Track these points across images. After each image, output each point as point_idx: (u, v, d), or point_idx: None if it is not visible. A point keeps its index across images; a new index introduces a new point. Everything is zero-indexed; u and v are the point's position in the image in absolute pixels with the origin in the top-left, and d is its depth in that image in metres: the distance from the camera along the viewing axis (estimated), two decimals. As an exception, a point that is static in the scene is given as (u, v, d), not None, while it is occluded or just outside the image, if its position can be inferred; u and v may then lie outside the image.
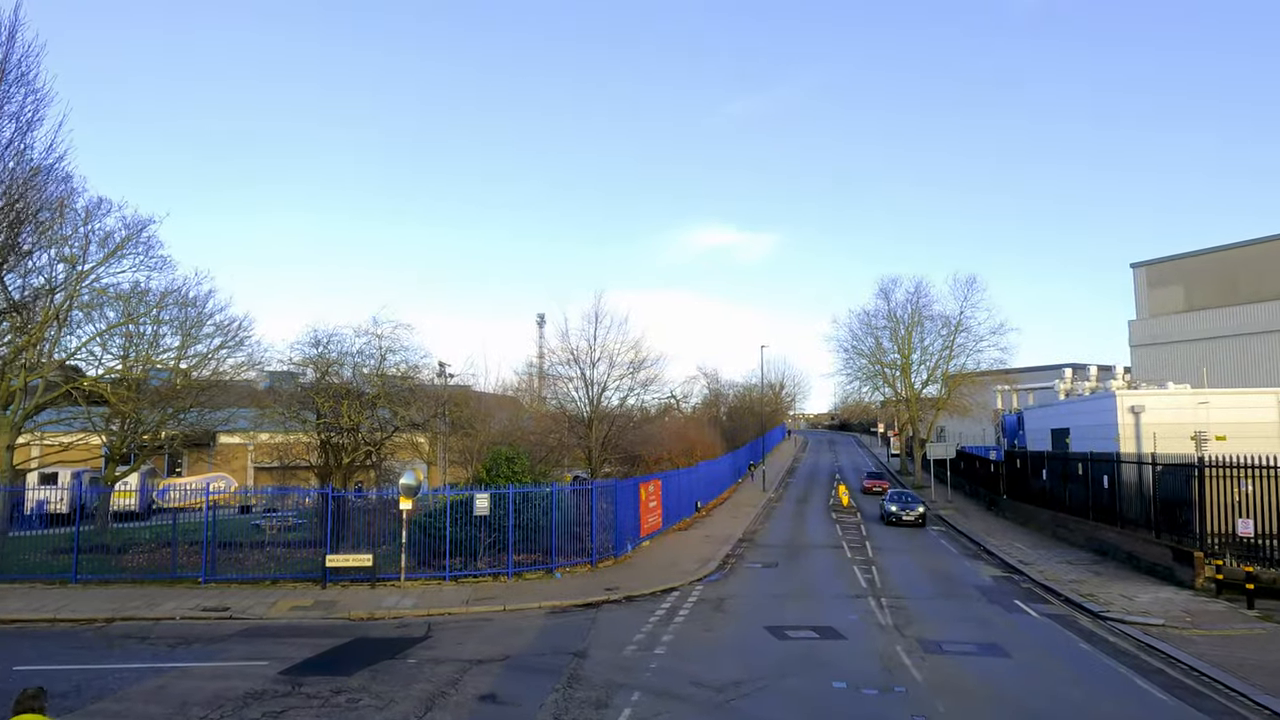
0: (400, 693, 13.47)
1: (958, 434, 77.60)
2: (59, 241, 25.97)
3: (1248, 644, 16.63)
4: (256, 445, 50.77)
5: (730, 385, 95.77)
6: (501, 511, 24.45)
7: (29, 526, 27.83)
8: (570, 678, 14.36)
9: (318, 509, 25.37)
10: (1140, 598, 21.18)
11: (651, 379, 43.20)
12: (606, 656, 15.84)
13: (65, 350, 28.53)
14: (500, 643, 17.04)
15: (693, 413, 73.75)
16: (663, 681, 14.12)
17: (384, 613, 19.96)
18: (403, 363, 32.59)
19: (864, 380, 65.62)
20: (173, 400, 29.77)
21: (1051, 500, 35.24)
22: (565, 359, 41.25)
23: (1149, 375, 53.19)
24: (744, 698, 13.27)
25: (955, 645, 16.80)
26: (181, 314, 29.72)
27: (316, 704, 12.89)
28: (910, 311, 61.00)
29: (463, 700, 13.11)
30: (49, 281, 26.09)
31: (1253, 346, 50.95)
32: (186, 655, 16.08)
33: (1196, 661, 15.35)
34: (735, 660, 15.56)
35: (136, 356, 29.33)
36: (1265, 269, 52.01)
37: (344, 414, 29.24)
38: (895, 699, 13.30)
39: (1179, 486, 23.77)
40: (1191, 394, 38.13)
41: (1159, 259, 58.66)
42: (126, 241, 26.92)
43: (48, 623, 19.12)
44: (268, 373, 35.85)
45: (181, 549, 24.53)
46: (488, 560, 24.44)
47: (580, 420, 40.82)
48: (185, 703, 12.92)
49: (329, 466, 30.03)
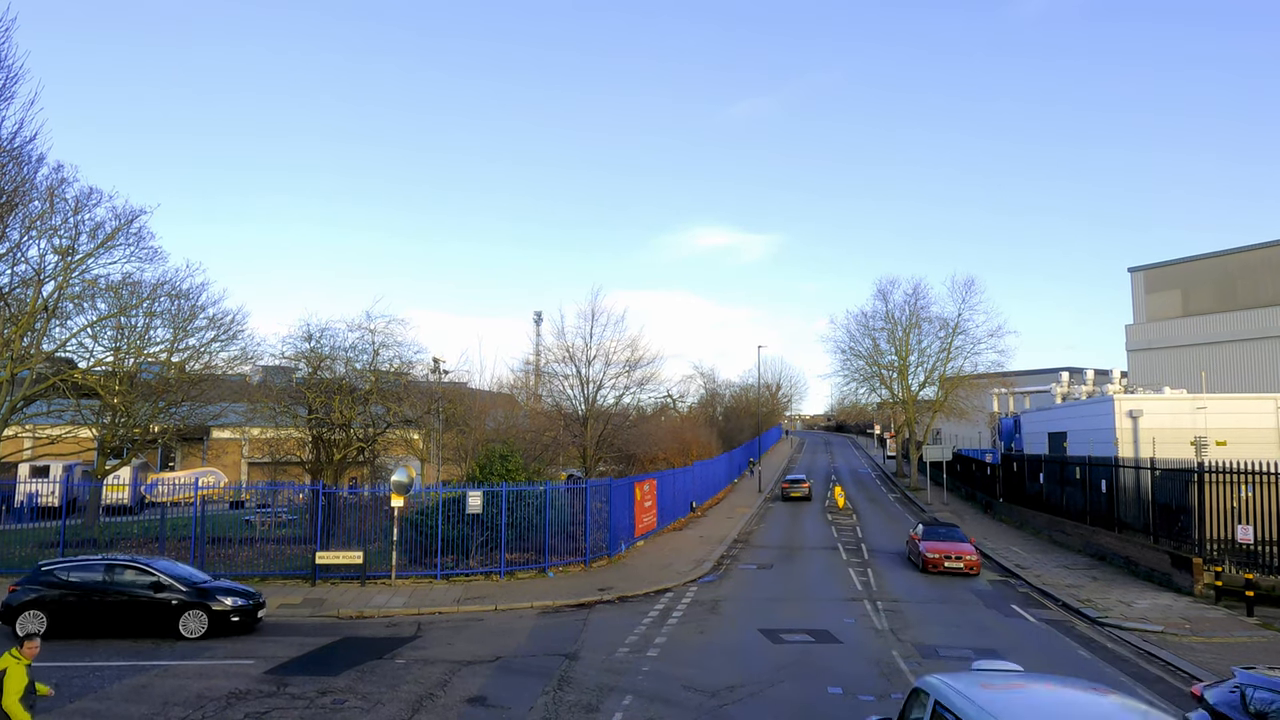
0: (387, 694, 13.22)
1: (954, 436, 77.43)
2: (49, 232, 25.69)
3: (1248, 652, 16.42)
4: (249, 440, 50.51)
5: (727, 385, 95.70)
6: (494, 510, 24.23)
7: (20, 519, 27.55)
8: (561, 680, 14.13)
9: (309, 505, 25.12)
10: (1138, 604, 20.99)
11: (648, 378, 43.09)
12: (598, 658, 15.62)
13: (55, 341, 28.22)
14: (491, 643, 16.81)
15: (689, 412, 73.54)
16: (655, 685, 13.89)
17: (373, 611, 19.71)
18: (396, 358, 32.33)
19: (861, 381, 65.31)
20: (164, 394, 29.45)
21: (1048, 504, 35.06)
22: (561, 357, 41.11)
23: (1146, 380, 53.04)
24: (737, 703, 13.05)
25: (952, 650, 16.58)
26: (173, 306, 29.38)
27: (301, 705, 12.64)
28: (908, 313, 60.73)
29: (450, 702, 12.87)
30: (38, 272, 25.78)
31: (1250, 352, 50.83)
32: (170, 653, 15.83)
33: (1196, 669, 15.14)
34: (729, 664, 15.33)
35: (128, 349, 29.00)
36: (1263, 275, 51.89)
37: (336, 410, 28.97)
38: (892, 706, 13.04)
39: (1177, 491, 23.58)
40: (1189, 399, 37.95)
41: (1157, 264, 58.51)
42: (117, 232, 26.63)
43: (31, 618, 18.80)
44: (260, 367, 35.52)
45: (170, 544, 24.30)
46: (480, 559, 24.21)
47: (575, 419, 40.60)
48: (167, 702, 12.68)
49: (321, 462, 29.76)
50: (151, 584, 17.08)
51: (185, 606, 16.97)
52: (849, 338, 63.44)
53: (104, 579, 17.07)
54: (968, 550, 26.38)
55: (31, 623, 16.51)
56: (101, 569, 17.23)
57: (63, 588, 16.94)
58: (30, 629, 16.21)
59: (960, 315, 59.18)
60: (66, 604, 16.83)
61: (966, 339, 59.23)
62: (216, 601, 17.14)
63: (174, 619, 16.90)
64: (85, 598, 16.91)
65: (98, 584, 17.02)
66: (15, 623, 16.61)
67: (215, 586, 17.74)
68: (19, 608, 16.71)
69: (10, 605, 16.81)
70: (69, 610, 16.82)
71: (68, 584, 16.99)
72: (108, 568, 17.26)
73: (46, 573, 17.24)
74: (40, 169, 24.53)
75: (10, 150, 22.64)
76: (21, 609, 16.67)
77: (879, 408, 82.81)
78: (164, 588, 17.07)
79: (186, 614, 16.92)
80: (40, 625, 16.44)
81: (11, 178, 23.09)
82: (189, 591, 17.17)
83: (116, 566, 17.32)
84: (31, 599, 16.76)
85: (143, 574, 17.23)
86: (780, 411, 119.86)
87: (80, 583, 17.01)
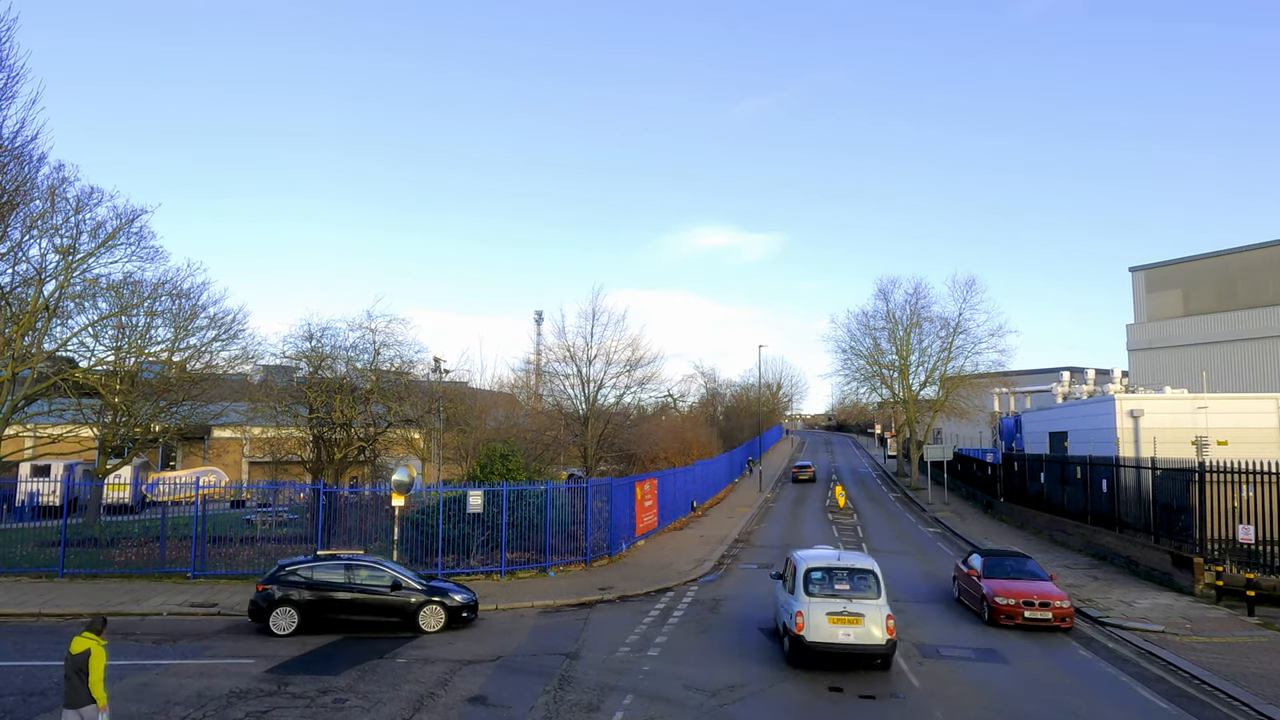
0: (388, 693, 13.22)
1: (955, 436, 77.41)
2: (50, 231, 25.71)
3: (1249, 652, 16.42)
4: (250, 440, 50.51)
5: (728, 385, 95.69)
6: (495, 509, 24.22)
7: (21, 518, 27.54)
8: (562, 679, 14.13)
9: (310, 504, 25.10)
10: (1139, 603, 20.97)
11: (648, 377, 43.00)
12: (599, 658, 15.61)
13: (56, 341, 28.23)
14: (491, 642, 16.81)
15: (689, 412, 73.57)
16: (655, 684, 13.89)
17: (374, 610, 19.66)
18: (397, 358, 32.35)
19: (862, 381, 65.25)
20: (165, 393, 29.46)
21: (1049, 504, 35.03)
22: (562, 356, 41.03)
23: (1147, 379, 53.03)
24: (738, 702, 13.04)
25: (953, 650, 16.58)
26: (174, 305, 29.41)
27: (302, 704, 12.64)
28: (909, 313, 60.64)
29: (451, 702, 12.87)
30: (39, 271, 25.79)
31: (1251, 352, 50.80)
32: (172, 652, 15.82)
33: (1198, 669, 15.14)
34: (730, 663, 15.32)
35: (129, 348, 29.02)
36: (1264, 274, 51.86)
37: (337, 409, 28.97)
38: (892, 705, 13.08)
39: (1178, 491, 23.55)
40: (1190, 398, 37.92)
41: (1158, 263, 58.47)
42: (118, 231, 26.68)
43: (32, 617, 18.85)
44: (261, 366, 35.53)
45: (171, 543, 24.25)
46: (481, 558, 24.21)
47: (576, 418, 40.57)
48: (169, 701, 12.67)
49: (321, 462, 29.76)
50: (390, 583, 17.79)
51: (424, 603, 17.70)
52: (850, 337, 63.43)
53: (345, 578, 17.72)
54: (1054, 594, 18.79)
55: (283, 619, 17.16)
56: (341, 568, 17.84)
57: (308, 587, 17.47)
58: (283, 626, 17.06)
59: (961, 315, 59.15)
60: (313, 602, 17.41)
61: (967, 338, 59.20)
62: (449, 598, 17.95)
63: (414, 615, 17.60)
64: (330, 596, 17.49)
65: (340, 583, 17.65)
66: (269, 619, 17.13)
67: (442, 585, 18.45)
68: (270, 606, 17.20)
69: (260, 604, 17.31)
70: (316, 607, 17.39)
71: (312, 583, 17.53)
72: (347, 567, 17.89)
73: (290, 572, 17.71)
74: (41, 168, 24.61)
75: (11, 150, 22.67)
76: (273, 607, 17.20)
77: (880, 407, 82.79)
78: (401, 586, 17.81)
79: (425, 609, 17.66)
80: (292, 622, 17.14)
81: (13, 177, 23.11)
82: (424, 589, 17.93)
83: (354, 566, 17.97)
84: (281, 598, 17.26)
85: (378, 572, 17.93)
86: (781, 411, 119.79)
87: (324, 582, 17.59)
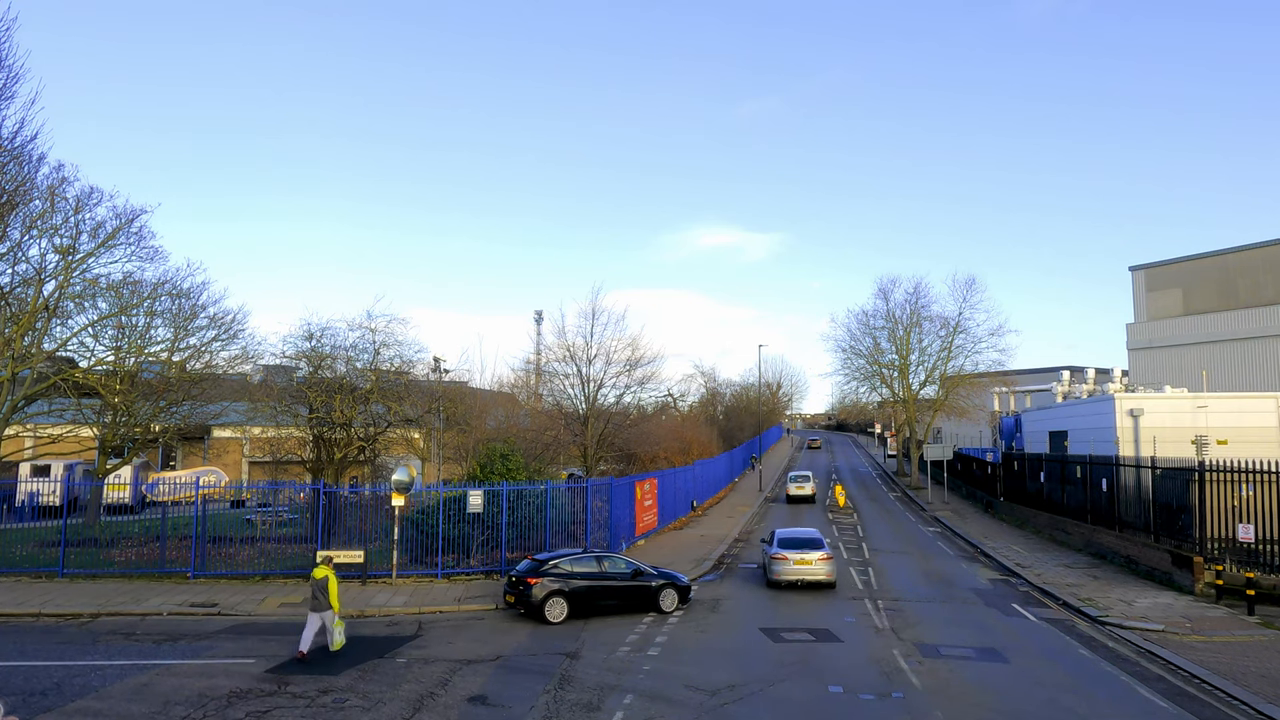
0: (388, 693, 13.22)
1: (954, 435, 77.42)
2: (50, 231, 25.69)
3: (1249, 651, 16.42)
4: (250, 439, 50.52)
5: (728, 384, 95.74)
6: (495, 509, 24.23)
7: (21, 518, 27.54)
8: (562, 679, 14.13)
9: (310, 504, 25.10)
10: (1139, 603, 20.97)
11: (648, 377, 43.00)
12: (599, 657, 15.62)
13: (56, 340, 28.23)
14: (491, 642, 16.81)
15: (689, 411, 73.63)
16: (655, 684, 13.89)
17: (374, 610, 19.71)
18: (397, 357, 32.35)
19: (862, 380, 65.27)
20: (165, 393, 29.45)
21: (1049, 503, 35.02)
22: (562, 356, 41.02)
23: (1147, 379, 53.00)
24: (738, 701, 13.04)
25: (953, 649, 16.58)
26: (174, 305, 29.41)
27: (302, 704, 12.64)
28: (909, 312, 60.67)
29: (451, 701, 12.87)
30: (39, 271, 25.78)
31: (1251, 351, 50.78)
32: (172, 652, 15.82)
33: (1198, 669, 15.13)
34: (729, 663, 15.33)
35: (129, 348, 29.01)
36: (1264, 274, 51.82)
37: (337, 409, 28.97)
38: (892, 705, 13.07)
39: (1178, 490, 23.54)
40: (1190, 398, 37.92)
41: (1158, 262, 58.43)
42: (118, 231, 26.67)
43: (32, 617, 18.84)
44: (261, 366, 35.53)
45: (171, 543, 24.24)
46: (481, 558, 24.21)
47: (576, 417, 40.56)
48: (169, 701, 12.67)
49: (321, 461, 29.76)
50: (632, 571, 19.97)
51: (662, 587, 19.96)
52: (850, 337, 63.45)
53: (598, 569, 19.68)
54: None
55: (556, 608, 18.61)
56: (593, 560, 19.91)
57: (571, 578, 19.13)
58: (556, 615, 18.54)
59: (961, 314, 59.21)
60: (578, 591, 19.06)
61: (967, 338, 59.24)
62: (679, 583, 20.45)
63: (654, 598, 19.81)
64: (590, 585, 19.29)
65: (595, 573, 19.56)
66: (544, 608, 18.56)
67: (667, 572, 21.10)
68: (546, 597, 18.64)
69: (534, 597, 18.71)
70: (579, 596, 19.05)
71: (573, 574, 19.25)
72: (597, 559, 20.03)
73: (552, 566, 19.25)
74: (41, 168, 24.62)
75: (11, 150, 22.66)
76: (548, 598, 18.65)
77: (880, 406, 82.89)
78: (641, 574, 20.06)
79: (663, 593, 19.90)
80: (563, 611, 18.66)
81: (12, 177, 23.11)
82: (658, 575, 20.31)
83: (603, 558, 20.18)
84: (555, 589, 18.76)
85: (618, 564, 20.17)
86: (781, 410, 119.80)
87: (583, 573, 19.40)
